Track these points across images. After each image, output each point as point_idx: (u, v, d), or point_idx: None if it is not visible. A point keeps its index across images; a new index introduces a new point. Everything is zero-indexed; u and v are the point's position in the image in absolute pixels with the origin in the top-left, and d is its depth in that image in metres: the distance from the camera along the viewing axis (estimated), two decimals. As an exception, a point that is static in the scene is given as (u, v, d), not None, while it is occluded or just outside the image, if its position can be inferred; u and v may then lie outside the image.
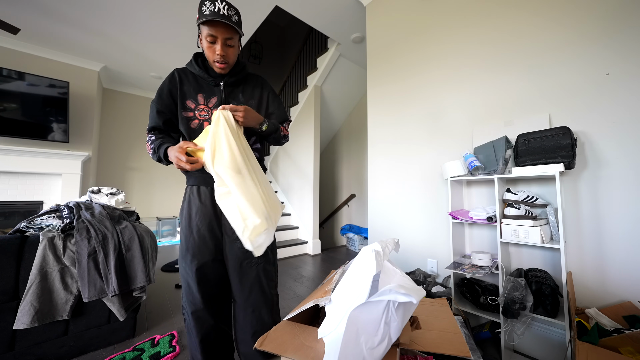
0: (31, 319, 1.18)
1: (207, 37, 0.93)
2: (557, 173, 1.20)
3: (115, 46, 3.38)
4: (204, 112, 1.00)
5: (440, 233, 1.86)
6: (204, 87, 1.02)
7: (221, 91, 1.03)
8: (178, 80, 1.02)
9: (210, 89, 1.03)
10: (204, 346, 1.03)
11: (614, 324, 1.08)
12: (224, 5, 0.90)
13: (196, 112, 1.00)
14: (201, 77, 1.03)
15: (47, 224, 1.42)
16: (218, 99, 1.02)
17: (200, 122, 0.99)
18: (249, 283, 1.03)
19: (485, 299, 1.39)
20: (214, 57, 0.96)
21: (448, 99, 1.89)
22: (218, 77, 1.03)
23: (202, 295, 1.00)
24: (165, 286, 2.40)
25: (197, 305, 1.01)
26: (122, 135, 4.65)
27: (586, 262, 1.28)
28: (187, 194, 1.07)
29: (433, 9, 2.03)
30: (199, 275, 0.99)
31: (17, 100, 3.01)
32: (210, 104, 1.01)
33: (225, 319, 1.10)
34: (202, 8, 0.91)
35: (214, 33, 0.92)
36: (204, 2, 0.91)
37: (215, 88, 1.03)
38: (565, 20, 1.40)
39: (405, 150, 2.15)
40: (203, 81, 1.03)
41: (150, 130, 1.02)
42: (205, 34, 0.93)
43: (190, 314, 1.01)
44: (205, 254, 0.99)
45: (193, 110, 1.00)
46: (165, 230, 4.68)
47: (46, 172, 3.25)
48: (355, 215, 4.37)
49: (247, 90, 1.08)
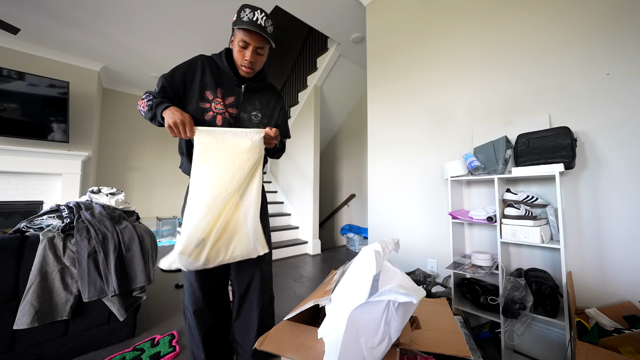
0: (31, 319, 1.18)
1: (240, 42, 0.96)
2: (557, 173, 1.20)
3: (115, 46, 3.38)
4: (219, 105, 1.00)
5: (440, 233, 1.86)
6: (225, 84, 1.03)
7: (241, 93, 1.05)
8: (201, 68, 1.01)
9: (231, 88, 1.04)
10: (207, 344, 1.04)
11: (614, 324, 1.08)
12: (262, 16, 0.93)
13: (212, 105, 1.00)
14: (225, 73, 1.04)
15: (47, 224, 1.42)
16: (236, 99, 1.04)
17: (214, 115, 0.99)
18: (245, 283, 1.06)
19: (485, 299, 1.39)
20: (242, 62, 0.98)
21: (448, 99, 1.89)
22: (241, 79, 1.05)
23: (203, 294, 1.02)
24: (165, 286, 2.40)
25: (199, 304, 1.03)
26: (122, 135, 4.65)
27: (586, 262, 1.28)
28: None
29: (433, 9, 2.03)
30: (200, 273, 1.01)
31: (17, 100, 3.01)
32: (227, 101, 1.02)
33: (227, 316, 1.12)
34: (241, 13, 0.93)
35: (248, 40, 0.95)
36: (244, 8, 0.94)
37: (236, 88, 1.05)
38: (565, 21, 1.40)
39: (405, 150, 2.15)
40: (225, 77, 1.04)
41: (150, 94, 0.97)
42: (239, 39, 0.96)
43: (192, 313, 1.03)
44: None
45: (210, 102, 1.00)
46: (165, 230, 4.68)
47: (46, 172, 3.25)
48: (355, 215, 4.36)
49: (264, 98, 1.11)
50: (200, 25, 3.02)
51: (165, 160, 5.13)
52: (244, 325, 1.07)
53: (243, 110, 1.05)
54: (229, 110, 1.01)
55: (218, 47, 3.45)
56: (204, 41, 3.34)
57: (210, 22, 2.97)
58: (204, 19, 2.92)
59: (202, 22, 2.97)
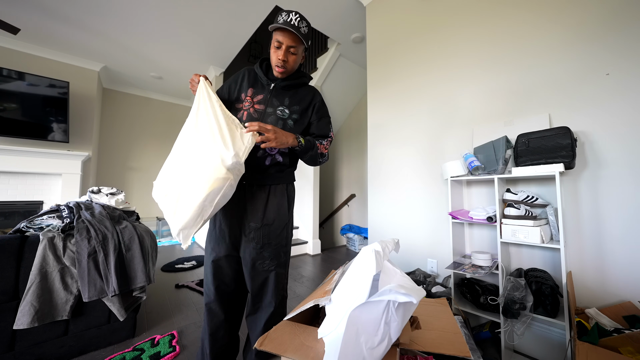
0: (31, 319, 1.18)
1: (275, 42, 1.00)
2: (557, 173, 1.20)
3: (115, 46, 3.38)
4: (247, 103, 1.06)
5: (440, 233, 1.86)
6: (257, 85, 1.10)
7: (270, 91, 1.08)
8: (241, 77, 1.12)
9: (262, 87, 1.09)
10: (212, 341, 1.06)
11: (614, 324, 1.08)
12: (296, 18, 0.97)
13: (243, 104, 1.07)
14: (259, 77, 1.10)
15: (47, 224, 1.42)
16: (264, 97, 1.07)
17: (242, 113, 1.06)
18: (259, 282, 1.05)
19: (485, 299, 1.39)
20: (276, 62, 1.02)
21: (448, 99, 1.89)
22: (274, 79, 1.08)
23: (215, 288, 1.05)
24: (165, 286, 2.40)
25: (210, 297, 1.06)
26: (122, 135, 4.65)
27: (586, 262, 1.28)
28: None
29: (433, 9, 2.03)
30: (214, 267, 1.05)
31: (17, 100, 3.01)
32: (255, 98, 1.07)
33: (236, 317, 1.13)
34: (277, 17, 0.99)
35: (281, 40, 0.99)
36: (281, 13, 1.00)
37: (266, 87, 1.09)
38: (565, 21, 1.40)
39: (405, 150, 2.15)
40: (259, 80, 1.10)
41: None
42: (274, 40, 1.01)
43: (205, 305, 1.08)
44: (222, 248, 1.04)
45: (242, 102, 1.07)
46: (165, 230, 4.68)
47: (46, 172, 3.25)
48: (355, 215, 4.36)
49: (296, 96, 1.10)
50: (201, 25, 3.02)
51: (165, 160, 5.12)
52: (254, 322, 1.09)
53: (269, 105, 1.06)
54: (255, 106, 1.05)
55: (218, 47, 3.46)
56: (204, 41, 3.34)
57: (211, 22, 2.97)
58: (205, 19, 2.92)
59: (203, 22, 2.97)
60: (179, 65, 3.93)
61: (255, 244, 1.01)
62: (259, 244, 1.02)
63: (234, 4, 2.70)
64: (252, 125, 0.92)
